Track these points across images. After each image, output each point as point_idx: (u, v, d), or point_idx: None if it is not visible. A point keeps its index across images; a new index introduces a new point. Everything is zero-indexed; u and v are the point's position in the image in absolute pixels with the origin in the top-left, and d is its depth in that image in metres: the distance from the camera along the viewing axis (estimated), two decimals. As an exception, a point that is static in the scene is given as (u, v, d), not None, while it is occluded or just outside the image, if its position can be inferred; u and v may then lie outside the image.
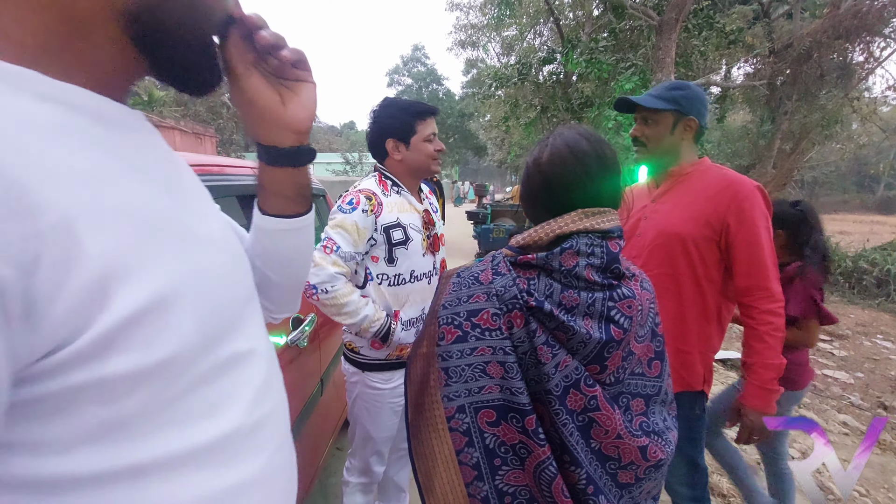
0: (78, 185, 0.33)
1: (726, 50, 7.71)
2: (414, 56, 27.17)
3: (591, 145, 0.82)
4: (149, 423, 0.37)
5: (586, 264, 0.78)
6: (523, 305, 0.76)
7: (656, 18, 6.02)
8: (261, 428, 0.48)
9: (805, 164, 11.33)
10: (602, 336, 0.76)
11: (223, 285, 0.46)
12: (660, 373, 0.86)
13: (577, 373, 0.76)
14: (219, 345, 0.44)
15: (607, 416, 0.76)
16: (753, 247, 1.27)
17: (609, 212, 0.82)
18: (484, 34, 14.85)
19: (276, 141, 0.59)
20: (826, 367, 4.84)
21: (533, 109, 9.85)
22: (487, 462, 0.76)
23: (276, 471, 0.50)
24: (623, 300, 0.79)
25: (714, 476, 2.31)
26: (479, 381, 0.76)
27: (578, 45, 7.30)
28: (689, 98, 1.35)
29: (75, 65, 0.38)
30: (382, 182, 1.47)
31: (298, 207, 0.65)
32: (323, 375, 1.74)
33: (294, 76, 0.57)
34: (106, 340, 0.33)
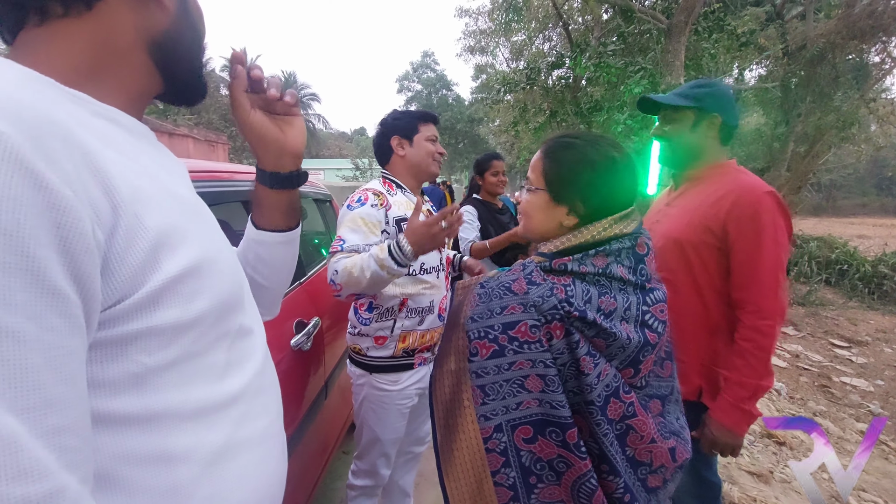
0: (132, 175, 0.42)
1: (738, 52, 7.62)
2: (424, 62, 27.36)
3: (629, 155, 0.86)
4: (181, 374, 0.44)
5: (618, 265, 0.79)
6: (564, 316, 0.73)
7: (665, 21, 5.98)
8: (264, 394, 0.56)
9: (821, 167, 11.12)
10: (640, 338, 0.76)
11: (233, 265, 0.55)
12: (671, 373, 0.87)
13: (616, 380, 0.76)
14: (234, 314, 0.52)
15: (643, 422, 0.76)
16: (750, 258, 1.19)
17: (634, 212, 0.84)
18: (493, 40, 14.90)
19: (279, 167, 0.70)
20: (844, 374, 4.72)
21: (542, 114, 9.83)
22: (523, 481, 0.74)
23: (275, 436, 0.58)
24: (656, 304, 0.81)
25: (725, 484, 2.26)
26: (516, 397, 0.74)
27: (587, 50, 7.28)
28: (712, 95, 1.30)
29: (116, 87, 0.48)
30: (387, 184, 1.54)
31: (291, 222, 0.77)
32: (328, 379, 1.74)
33: (289, 112, 0.69)
34: (156, 295, 0.41)
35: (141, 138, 0.50)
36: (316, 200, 2.54)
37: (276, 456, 0.58)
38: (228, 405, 0.49)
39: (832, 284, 7.90)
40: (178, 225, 0.45)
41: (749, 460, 2.51)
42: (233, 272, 0.53)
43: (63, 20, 0.44)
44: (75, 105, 0.42)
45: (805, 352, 5.33)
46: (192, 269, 0.44)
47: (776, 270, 1.19)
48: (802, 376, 4.66)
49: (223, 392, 0.49)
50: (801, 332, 6.06)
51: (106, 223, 0.37)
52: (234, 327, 0.52)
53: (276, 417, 0.60)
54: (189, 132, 12.64)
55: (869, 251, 9.09)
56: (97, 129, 0.42)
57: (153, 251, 0.41)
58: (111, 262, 0.38)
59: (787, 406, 3.63)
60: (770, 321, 1.18)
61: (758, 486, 2.29)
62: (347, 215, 1.41)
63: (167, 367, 0.43)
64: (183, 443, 0.44)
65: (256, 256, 0.77)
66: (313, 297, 1.78)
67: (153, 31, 0.51)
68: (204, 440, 0.46)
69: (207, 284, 0.46)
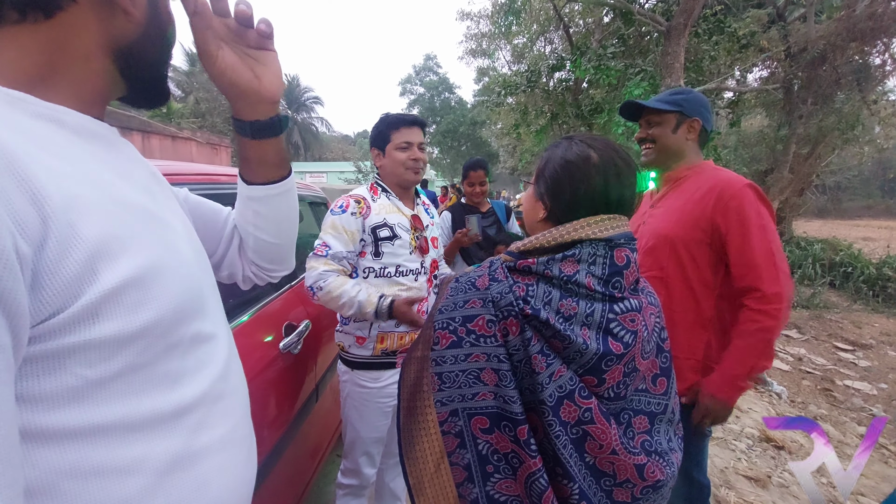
0: (68, 182, 0.40)
1: (738, 54, 7.60)
2: (426, 65, 27.42)
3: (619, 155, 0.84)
4: (128, 385, 0.43)
5: (587, 273, 0.76)
6: (519, 313, 0.74)
7: (664, 24, 5.98)
8: (226, 399, 0.55)
9: (825, 169, 11.06)
10: (599, 348, 0.74)
11: (191, 271, 0.53)
12: (665, 390, 0.83)
13: (572, 383, 0.74)
14: (189, 322, 0.50)
15: (602, 430, 0.74)
16: (743, 248, 1.24)
17: (617, 218, 0.80)
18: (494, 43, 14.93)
19: (258, 115, 0.66)
20: (847, 377, 4.68)
21: (543, 116, 9.84)
22: (480, 467, 0.75)
23: (237, 441, 0.56)
24: (626, 313, 0.76)
25: (721, 489, 2.24)
26: (473, 388, 0.76)
27: (587, 52, 7.28)
28: (691, 101, 1.38)
29: (68, 89, 0.47)
30: (373, 188, 1.57)
31: (283, 171, 0.75)
32: (318, 382, 1.74)
33: (263, 45, 0.63)
34: (93, 308, 0.39)
35: (92, 140, 0.48)
36: (311, 204, 2.55)
37: (240, 461, 0.56)
38: (183, 413, 0.48)
39: (836, 287, 7.83)
40: (121, 233, 0.43)
41: (747, 464, 2.49)
42: (189, 279, 0.51)
43: (17, 25, 0.44)
44: (11, 107, 0.41)
45: (808, 355, 5.28)
46: (135, 279, 0.43)
47: (770, 254, 1.22)
48: (805, 380, 4.62)
49: (176, 401, 0.47)
50: (805, 335, 6.00)
51: (33, 235, 0.35)
52: (188, 335, 0.50)
53: (241, 421, 0.58)
54: (192, 135, 12.68)
55: (874, 253, 9.01)
56: (33, 133, 0.41)
57: (89, 262, 0.39)
58: (41, 276, 0.36)
59: (787, 410, 3.60)
60: (775, 304, 1.20)
61: (755, 491, 2.26)
62: (329, 220, 1.47)
63: (111, 379, 0.41)
64: (131, 454, 0.43)
65: (256, 214, 0.75)
66: (304, 299, 1.78)
67: (119, 40, 0.50)
68: (155, 450, 0.45)
69: (154, 294, 0.45)
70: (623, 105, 1.48)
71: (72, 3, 0.45)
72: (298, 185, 2.44)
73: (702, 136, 1.40)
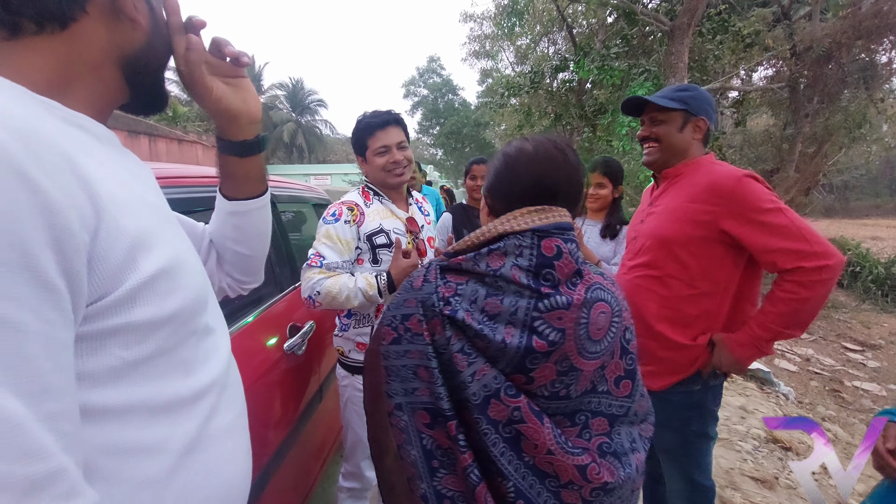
0: (109, 181, 0.44)
1: (743, 53, 7.56)
2: (430, 67, 27.44)
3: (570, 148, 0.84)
4: (155, 368, 0.46)
5: (513, 265, 0.77)
6: (438, 314, 0.77)
7: (668, 24, 5.96)
8: (230, 388, 0.58)
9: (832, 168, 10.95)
10: (521, 344, 0.74)
11: (199, 268, 0.57)
12: (630, 393, 0.82)
13: (497, 382, 0.74)
14: (201, 313, 0.54)
15: (534, 430, 0.73)
16: (763, 239, 1.19)
17: (548, 210, 0.80)
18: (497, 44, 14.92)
19: (245, 135, 0.71)
20: (856, 378, 4.63)
21: (547, 118, 9.83)
22: (426, 463, 0.77)
23: (240, 430, 0.60)
24: (552, 311, 0.75)
25: (727, 490, 2.23)
26: (412, 383, 0.79)
27: (590, 53, 7.27)
28: (698, 99, 1.34)
29: (84, 98, 0.50)
30: (365, 193, 1.54)
31: (262, 186, 0.79)
32: (323, 383, 1.75)
33: (237, 74, 0.68)
34: (133, 293, 0.43)
35: (108, 145, 0.52)
36: (316, 206, 2.56)
37: (243, 450, 0.59)
38: (198, 398, 0.51)
39: (844, 287, 7.77)
40: (151, 229, 0.47)
41: (753, 466, 2.47)
42: (199, 274, 0.55)
43: (35, 37, 0.46)
44: (48, 112, 0.44)
45: (817, 356, 5.24)
46: (165, 269, 0.47)
47: (797, 231, 1.16)
48: (813, 381, 4.58)
49: (193, 386, 0.51)
50: (813, 336, 5.95)
51: (90, 225, 0.40)
52: (201, 326, 0.54)
53: (241, 413, 0.62)
54: (198, 139, 12.84)
55: (882, 253, 8.93)
56: (72, 136, 0.44)
57: (131, 252, 0.43)
58: (94, 261, 0.41)
59: (795, 411, 3.57)
60: (816, 276, 1.14)
61: (762, 493, 2.25)
62: (322, 229, 1.44)
63: (142, 362, 0.45)
64: (157, 435, 0.46)
65: (235, 228, 0.79)
66: (309, 301, 1.79)
67: (127, 49, 0.53)
68: (177, 432, 0.48)
69: (179, 284, 0.49)
70: (626, 100, 1.43)
71: (83, 14, 0.48)
72: (303, 188, 2.46)
73: (707, 134, 1.37)
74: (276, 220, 1.81)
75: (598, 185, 2.09)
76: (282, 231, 1.84)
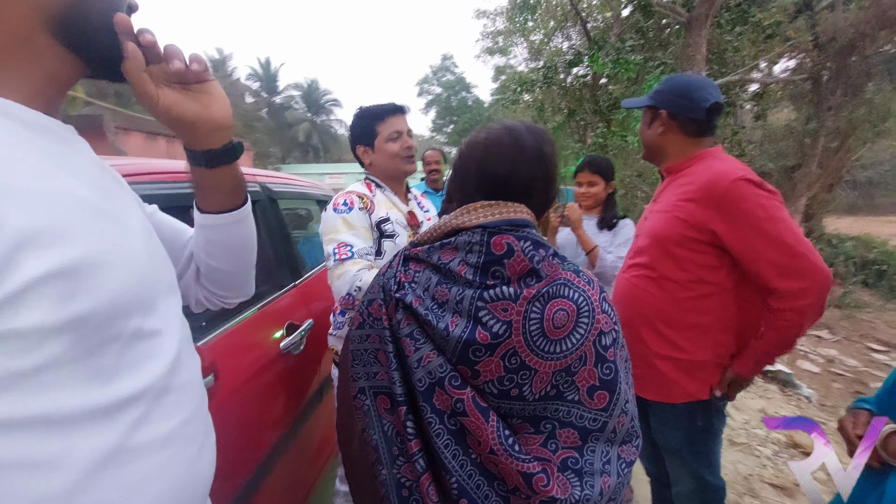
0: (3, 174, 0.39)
1: (763, 45, 7.34)
2: (443, 65, 27.43)
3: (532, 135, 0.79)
4: (55, 378, 0.41)
5: (460, 261, 0.75)
6: (392, 298, 0.78)
7: (685, 15, 5.80)
8: (173, 394, 0.53)
9: (856, 164, 10.61)
10: (462, 335, 0.71)
11: (141, 269, 0.51)
12: (606, 406, 0.73)
13: (443, 371, 0.72)
14: (130, 317, 0.48)
15: (476, 425, 0.70)
16: (747, 250, 1.14)
17: (500, 205, 0.77)
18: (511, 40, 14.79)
19: (211, 143, 0.64)
20: (880, 379, 4.46)
21: (560, 113, 9.70)
22: (387, 449, 0.76)
23: (186, 438, 0.54)
24: (497, 301, 0.71)
25: (745, 498, 2.14)
26: (373, 367, 0.80)
27: (605, 46, 7.13)
28: (664, 91, 1.30)
29: (16, 78, 0.45)
30: (368, 185, 1.51)
31: (237, 200, 0.72)
32: (323, 383, 1.72)
33: (201, 79, 0.61)
34: (16, 296, 0.38)
35: (43, 134, 0.46)
36: (320, 202, 2.54)
37: (188, 459, 0.54)
38: (120, 408, 0.46)
39: (869, 286, 7.52)
40: (55, 224, 0.42)
41: (773, 472, 2.37)
42: (135, 276, 0.49)
43: None
44: None
45: (840, 356, 5.06)
46: (66, 270, 0.41)
47: (784, 248, 1.10)
48: (836, 382, 4.42)
49: (113, 395, 0.46)
50: (836, 336, 5.76)
51: None
52: (130, 330, 0.48)
53: (193, 418, 0.56)
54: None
55: (910, 251, 8.60)
56: None
57: (13, 251, 0.38)
58: None
59: (816, 414, 3.43)
60: (799, 301, 1.11)
61: (781, 500, 2.15)
62: (336, 219, 1.37)
63: (35, 371, 0.40)
64: (57, 449, 0.41)
65: (207, 241, 0.73)
66: (308, 298, 1.76)
67: (51, 5, 0.45)
68: (85, 445, 0.43)
69: (90, 286, 0.43)
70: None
71: None
72: (307, 184, 2.44)
73: (685, 124, 1.28)
74: (275, 217, 1.79)
75: (589, 183, 2.09)
76: (282, 227, 1.81)
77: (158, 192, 1.07)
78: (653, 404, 1.34)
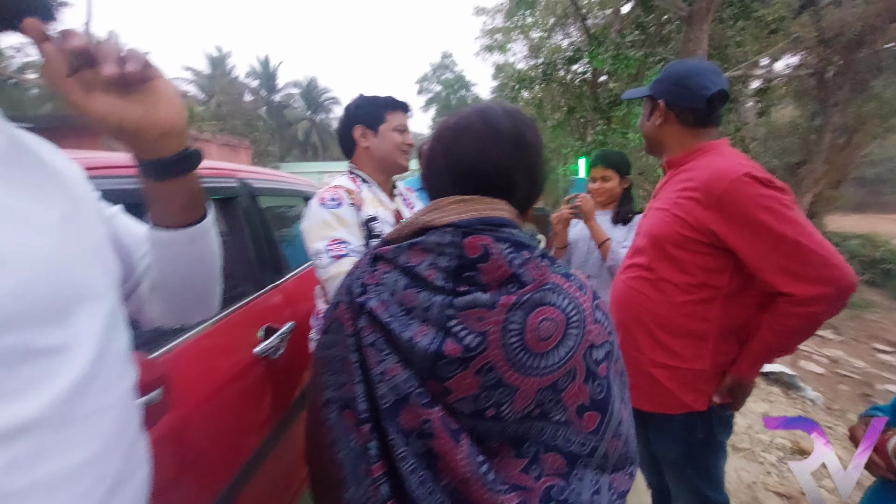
0: None
1: (766, 40, 7.23)
2: (443, 63, 27.33)
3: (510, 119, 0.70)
4: None
5: (430, 264, 0.65)
6: (356, 302, 0.69)
7: (686, 9, 5.70)
8: (72, 426, 0.44)
9: (864, 160, 10.49)
10: (429, 347, 0.62)
11: (42, 273, 0.43)
12: (597, 428, 0.64)
13: (409, 386, 0.63)
14: (14, 331, 0.40)
15: (445, 449, 0.61)
16: (756, 254, 1.05)
17: (475, 200, 0.68)
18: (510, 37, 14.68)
19: (160, 152, 0.56)
20: (888, 381, 4.37)
21: (560, 111, 9.61)
22: (354, 467, 0.67)
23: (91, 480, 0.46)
24: (469, 309, 0.62)
25: (735, 501, 2.05)
26: (340, 377, 0.70)
27: (605, 42, 7.03)
28: (661, 80, 1.23)
29: None
30: (353, 180, 1.43)
31: (195, 214, 0.64)
32: (306, 388, 1.64)
33: (146, 77, 0.52)
34: None
35: None
36: (308, 199, 2.46)
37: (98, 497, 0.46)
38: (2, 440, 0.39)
39: (876, 285, 7.43)
40: None
41: (777, 479, 2.29)
42: (21, 278, 0.42)
43: None
44: None
45: (846, 357, 4.97)
46: None
47: (797, 249, 1.00)
48: (842, 384, 4.33)
49: None
50: (842, 336, 5.67)
51: None
52: (20, 346, 0.41)
53: (103, 454, 0.48)
54: (211, 137, 13.12)
55: (917, 249, 8.47)
56: None
57: None
58: None
59: (823, 418, 3.34)
60: (812, 307, 1.01)
61: (787, 509, 2.07)
62: (327, 215, 1.29)
63: None
64: None
65: (160, 258, 0.65)
66: (291, 299, 1.68)
67: None
68: None
69: None
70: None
71: None
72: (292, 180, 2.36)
73: (683, 114, 1.20)
74: (257, 214, 1.71)
75: (603, 178, 1.99)
76: (263, 225, 1.73)
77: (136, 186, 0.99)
78: (650, 415, 1.25)
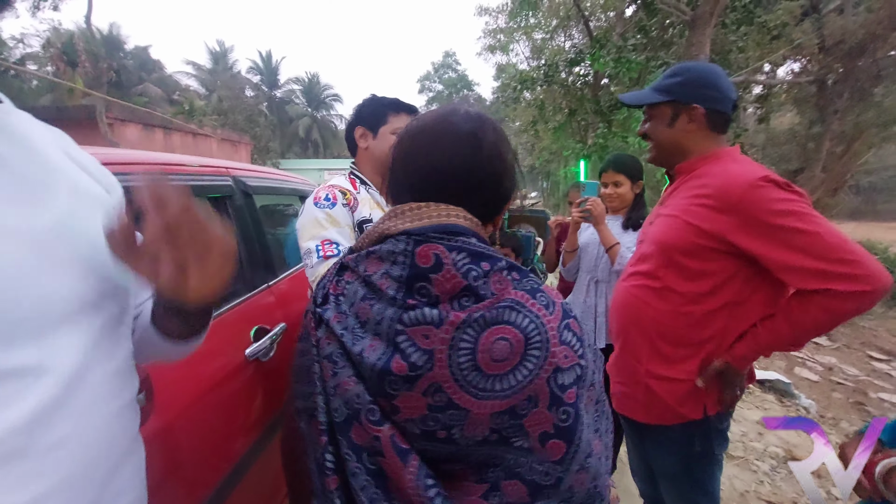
0: None
1: (768, 46, 7.23)
2: (445, 62, 27.30)
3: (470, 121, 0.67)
4: None
5: (384, 273, 0.63)
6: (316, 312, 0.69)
7: (689, 13, 5.69)
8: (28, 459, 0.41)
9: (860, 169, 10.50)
10: (377, 363, 0.59)
11: (10, 287, 0.40)
12: (561, 458, 0.59)
13: (360, 402, 0.61)
14: None
15: (393, 468, 0.59)
16: (773, 255, 1.01)
17: (432, 207, 0.65)
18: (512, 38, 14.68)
19: (186, 306, 0.56)
20: (883, 389, 4.37)
21: (561, 113, 9.60)
22: (323, 481, 0.65)
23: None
24: (416, 325, 0.59)
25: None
26: (307, 387, 0.68)
27: (607, 45, 7.02)
28: (688, 83, 1.15)
29: None
30: (352, 181, 1.42)
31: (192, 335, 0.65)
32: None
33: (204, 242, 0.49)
34: None
35: None
36: (304, 198, 2.44)
37: None
38: None
39: (871, 293, 7.42)
40: None
41: (770, 488, 2.28)
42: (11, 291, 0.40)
43: None
44: None
45: (840, 365, 4.97)
46: None
47: (827, 248, 0.97)
48: (836, 392, 4.33)
49: None
50: (836, 344, 5.67)
51: None
52: None
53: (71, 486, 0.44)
54: (212, 133, 13.03)
55: (912, 258, 8.49)
56: None
57: None
58: None
59: (816, 426, 3.34)
60: (848, 304, 0.97)
61: (778, 519, 2.06)
62: (320, 214, 1.28)
63: None
64: None
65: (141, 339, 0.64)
66: (283, 300, 1.66)
67: None
68: None
69: None
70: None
71: None
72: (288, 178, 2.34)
73: (713, 118, 1.15)
74: (250, 213, 1.69)
75: (615, 183, 1.95)
76: (255, 224, 1.71)
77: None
78: (646, 426, 1.24)
